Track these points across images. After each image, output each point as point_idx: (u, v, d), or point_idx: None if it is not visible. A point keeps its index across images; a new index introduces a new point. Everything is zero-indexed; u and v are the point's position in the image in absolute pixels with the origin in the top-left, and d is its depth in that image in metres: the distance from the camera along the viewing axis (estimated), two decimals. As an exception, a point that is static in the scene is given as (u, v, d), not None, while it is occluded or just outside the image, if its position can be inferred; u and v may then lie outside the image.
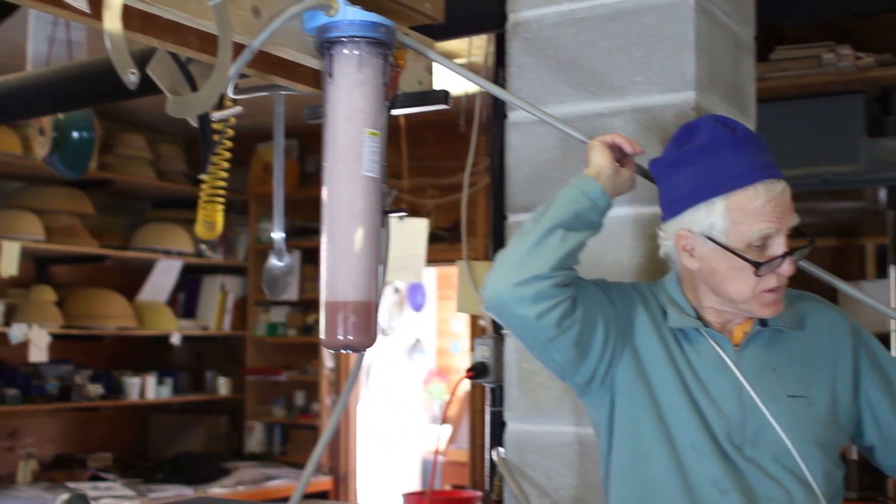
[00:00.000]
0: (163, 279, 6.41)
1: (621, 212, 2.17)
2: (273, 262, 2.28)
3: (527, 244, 1.80)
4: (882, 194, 3.71)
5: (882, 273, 4.44)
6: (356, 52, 1.78)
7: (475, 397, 6.39)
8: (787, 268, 1.76)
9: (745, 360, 1.84)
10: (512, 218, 2.34)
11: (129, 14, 1.56)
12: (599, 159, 1.85)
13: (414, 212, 5.99)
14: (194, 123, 1.89)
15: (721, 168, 1.76)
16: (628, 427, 1.86)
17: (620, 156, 1.89)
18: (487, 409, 2.60)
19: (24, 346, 5.50)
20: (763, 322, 1.85)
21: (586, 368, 1.86)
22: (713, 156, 1.77)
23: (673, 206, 1.83)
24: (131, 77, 1.45)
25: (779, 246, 1.76)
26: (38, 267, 6.07)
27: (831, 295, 2.20)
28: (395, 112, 2.03)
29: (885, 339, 3.09)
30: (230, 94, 1.97)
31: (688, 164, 1.80)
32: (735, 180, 1.75)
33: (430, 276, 8.78)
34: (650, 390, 1.84)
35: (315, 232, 1.91)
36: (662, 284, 1.94)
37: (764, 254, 1.76)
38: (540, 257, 1.78)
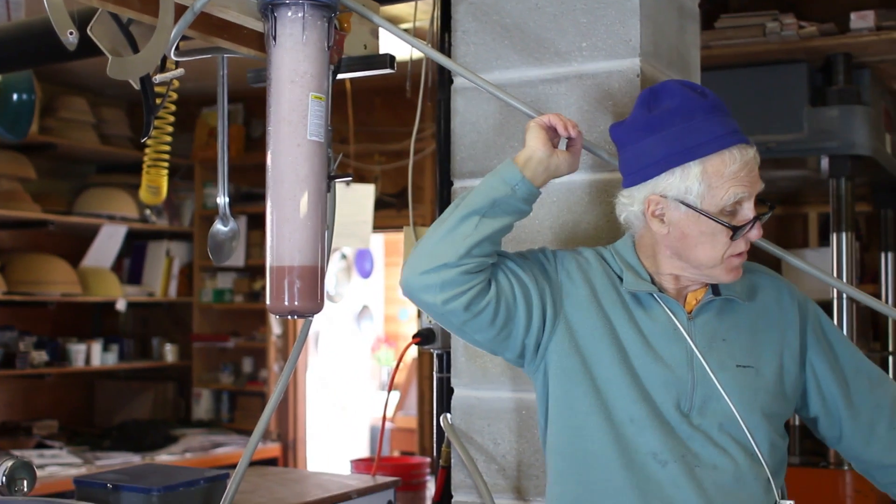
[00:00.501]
0: (107, 245, 6.33)
1: (571, 178, 2.17)
2: (218, 227, 2.26)
3: (440, 232, 1.81)
4: (824, 163, 3.75)
5: (824, 241, 4.51)
6: (300, 15, 1.76)
7: (423, 364, 6.41)
8: (755, 232, 1.78)
9: (696, 328, 1.85)
10: (458, 184, 2.34)
11: (67, -27, 1.53)
12: (532, 142, 1.83)
13: (361, 178, 5.98)
14: (136, 86, 1.86)
15: (696, 132, 1.75)
16: (563, 401, 1.86)
17: (559, 136, 1.87)
18: (435, 376, 2.61)
19: (-35, 312, 5.43)
20: (716, 291, 1.85)
21: (513, 345, 1.87)
22: (687, 120, 1.76)
23: (643, 170, 1.80)
24: (70, 38, 1.43)
25: (749, 210, 1.77)
26: (-22, 232, 5.99)
27: (775, 263, 2.23)
28: (340, 76, 2.02)
29: (827, 307, 3.14)
30: (172, 56, 1.94)
31: (659, 128, 1.78)
32: (711, 144, 1.75)
33: (378, 243, 8.77)
34: (586, 364, 1.84)
35: (261, 197, 1.91)
36: (616, 249, 1.93)
37: (734, 219, 1.77)
38: (450, 245, 1.79)
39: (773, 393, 1.85)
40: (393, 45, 2.23)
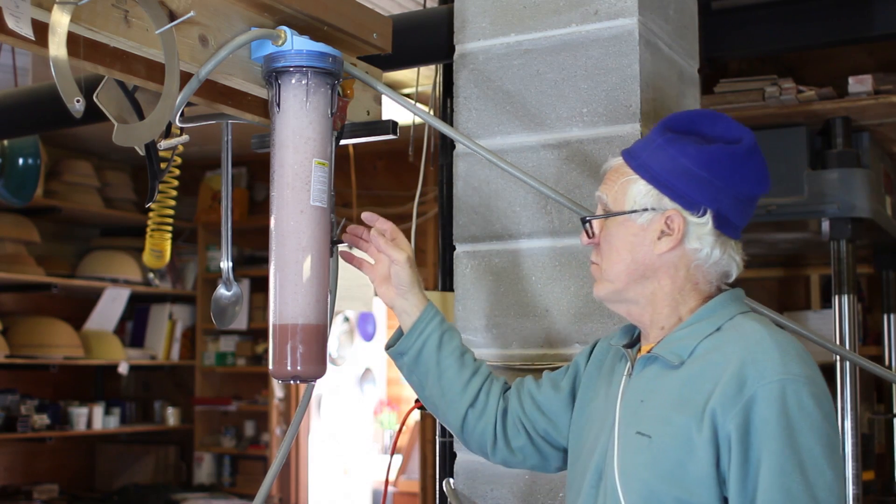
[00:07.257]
0: (110, 308, 6.34)
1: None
2: (221, 291, 2.26)
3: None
4: (825, 226, 3.75)
5: (827, 303, 4.50)
6: (303, 82, 1.78)
7: (426, 427, 6.37)
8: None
9: (631, 386, 1.70)
10: (460, 248, 2.35)
11: (74, 41, 1.55)
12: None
13: (364, 241, 5.98)
14: (141, 152, 1.87)
15: None
16: None
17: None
18: (437, 440, 2.59)
19: (-33, 375, 5.41)
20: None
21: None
22: None
23: None
24: (77, 105, 1.44)
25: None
26: (-18, 295, 5.99)
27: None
28: (343, 142, 2.04)
29: (829, 371, 3.13)
30: (177, 122, 1.96)
31: None
32: None
33: (380, 306, 8.75)
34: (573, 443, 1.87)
35: (264, 260, 1.92)
36: None
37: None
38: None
39: (663, 470, 1.56)
40: (396, 109, 2.25)
